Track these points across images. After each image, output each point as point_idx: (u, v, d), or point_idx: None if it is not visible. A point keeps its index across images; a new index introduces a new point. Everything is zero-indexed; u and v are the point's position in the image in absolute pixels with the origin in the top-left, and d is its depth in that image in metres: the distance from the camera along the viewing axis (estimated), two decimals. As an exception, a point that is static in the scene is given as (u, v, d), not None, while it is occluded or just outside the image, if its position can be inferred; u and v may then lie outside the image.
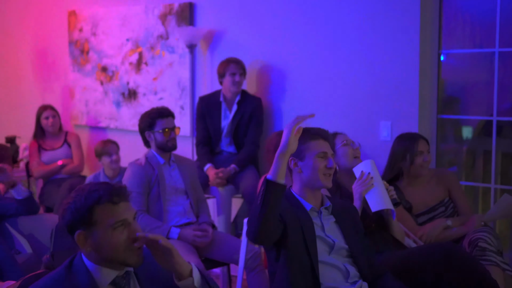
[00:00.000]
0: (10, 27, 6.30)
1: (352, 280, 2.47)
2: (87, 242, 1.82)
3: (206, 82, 4.90)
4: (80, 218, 1.81)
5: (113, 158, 4.76)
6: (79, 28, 5.67)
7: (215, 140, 4.56)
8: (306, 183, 2.53)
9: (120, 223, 1.82)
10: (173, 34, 5.02)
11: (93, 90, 5.63)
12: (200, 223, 3.71)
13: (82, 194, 1.83)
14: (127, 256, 1.82)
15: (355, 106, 4.17)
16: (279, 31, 4.50)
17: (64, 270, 1.84)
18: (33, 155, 5.29)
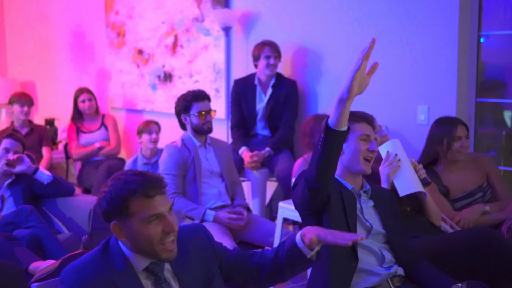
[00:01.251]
0: (49, 10, 6.38)
1: (387, 265, 2.45)
2: (121, 233, 1.82)
3: (241, 64, 4.89)
4: (115, 208, 1.80)
5: (153, 136, 4.84)
6: (116, 11, 5.71)
7: (250, 123, 4.56)
8: (347, 165, 2.52)
9: (155, 217, 1.80)
10: (208, 16, 5.02)
11: (129, 73, 5.68)
12: (235, 206, 3.73)
13: (118, 184, 1.81)
14: (160, 249, 1.81)
15: (392, 90, 4.12)
16: (315, 13, 4.45)
17: (100, 251, 1.86)
18: (71, 137, 5.38)
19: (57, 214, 4.00)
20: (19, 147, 3.93)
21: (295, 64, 4.62)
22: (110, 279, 1.79)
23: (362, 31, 4.23)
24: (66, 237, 3.77)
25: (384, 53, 4.13)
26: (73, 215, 3.95)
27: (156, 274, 1.87)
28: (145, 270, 1.86)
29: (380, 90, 4.17)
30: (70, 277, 1.78)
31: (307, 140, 4.08)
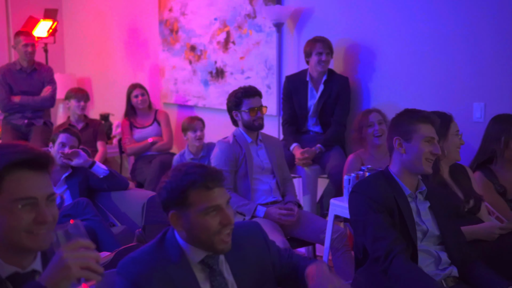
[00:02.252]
0: (105, 8, 6.51)
1: (443, 267, 2.42)
2: (179, 223, 1.85)
3: (293, 61, 4.88)
4: (175, 198, 1.83)
5: (197, 134, 4.87)
6: (169, 8, 5.78)
7: (301, 119, 4.55)
8: (407, 165, 2.48)
9: (213, 209, 1.82)
10: (260, 13, 5.02)
11: (181, 69, 5.75)
12: (285, 202, 3.73)
13: (178, 175, 1.85)
14: (216, 241, 1.83)
15: (447, 86, 4.03)
16: (368, 8, 4.40)
17: (157, 244, 1.89)
18: (125, 132, 5.47)
19: (111, 207, 4.08)
20: (75, 141, 4.02)
21: (347, 60, 4.58)
22: (166, 271, 1.81)
23: (415, 26, 4.16)
24: (119, 230, 3.84)
25: (439, 49, 4.05)
26: (126, 208, 4.02)
27: (211, 267, 1.88)
28: (200, 262, 1.88)
29: (434, 87, 4.09)
30: (127, 268, 1.82)
31: (356, 136, 4.05)
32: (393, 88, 4.30)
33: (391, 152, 2.54)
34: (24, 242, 1.53)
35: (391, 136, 2.53)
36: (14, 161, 1.52)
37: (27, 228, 1.52)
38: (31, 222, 1.52)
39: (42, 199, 1.54)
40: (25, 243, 1.53)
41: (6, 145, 1.58)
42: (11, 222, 1.51)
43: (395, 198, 2.42)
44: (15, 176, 1.52)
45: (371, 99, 4.45)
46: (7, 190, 1.51)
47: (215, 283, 1.87)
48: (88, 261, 1.46)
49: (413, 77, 4.20)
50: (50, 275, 1.44)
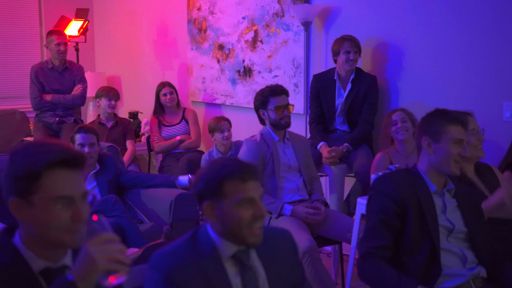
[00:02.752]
0: (134, 8, 6.58)
1: (470, 266, 2.40)
2: (213, 213, 1.89)
3: (320, 60, 4.88)
4: (210, 189, 1.88)
5: (225, 135, 4.90)
6: (198, 7, 5.82)
7: (328, 118, 4.54)
8: (434, 165, 2.47)
9: (246, 201, 1.86)
10: (289, 11, 5.03)
11: (210, 67, 5.78)
12: (312, 201, 3.73)
13: (215, 167, 1.90)
14: (247, 233, 1.86)
15: (476, 86, 3.99)
16: (396, 7, 4.38)
17: (190, 239, 1.92)
18: (154, 130, 5.53)
19: (139, 204, 4.13)
20: (92, 137, 3.97)
21: (375, 59, 4.56)
22: (198, 265, 1.85)
23: (444, 24, 4.12)
24: (147, 227, 3.89)
25: (468, 47, 4.01)
26: (154, 205, 4.06)
27: (242, 262, 1.91)
28: (232, 257, 1.90)
29: (463, 86, 4.06)
30: (160, 262, 1.85)
31: (383, 135, 4.05)
32: (421, 87, 4.27)
33: (419, 151, 2.54)
34: (61, 239, 1.57)
35: (420, 135, 2.52)
36: (53, 160, 1.55)
37: (64, 226, 1.55)
38: (68, 220, 1.55)
39: (78, 197, 1.58)
40: (62, 240, 1.57)
41: (43, 143, 1.61)
42: (48, 220, 1.55)
43: (417, 194, 2.42)
44: (53, 175, 1.55)
45: (399, 98, 4.43)
46: (45, 189, 1.54)
47: (246, 278, 1.90)
48: (114, 253, 1.49)
49: (442, 76, 4.17)
50: (78, 270, 1.48)
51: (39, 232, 1.57)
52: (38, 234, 1.57)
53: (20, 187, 1.56)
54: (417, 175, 2.49)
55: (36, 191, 1.55)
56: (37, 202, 1.55)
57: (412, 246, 2.38)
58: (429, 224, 2.38)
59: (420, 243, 2.38)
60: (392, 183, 2.45)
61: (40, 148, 1.58)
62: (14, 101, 6.45)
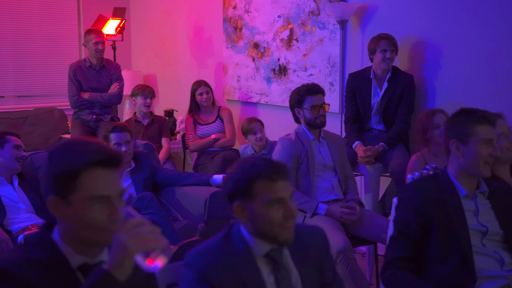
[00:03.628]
0: (171, 7, 6.63)
1: (508, 268, 2.35)
2: (244, 213, 1.89)
3: (356, 58, 4.85)
4: (240, 189, 1.88)
5: (258, 136, 4.94)
6: (233, 6, 5.84)
7: (364, 117, 4.51)
8: (464, 168, 2.42)
9: (277, 201, 1.86)
10: (324, 10, 5.01)
11: (245, 66, 5.79)
12: (347, 200, 3.71)
13: (245, 166, 1.89)
14: (278, 233, 1.86)
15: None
16: (434, 5, 4.32)
17: (223, 237, 1.93)
18: (189, 128, 5.56)
19: (174, 202, 4.15)
20: (126, 135, 3.98)
21: (412, 58, 4.51)
22: (231, 264, 1.86)
23: (483, 22, 4.05)
24: (182, 225, 3.91)
25: (507, 47, 3.93)
26: (189, 203, 4.08)
27: (276, 261, 1.91)
28: (265, 256, 1.91)
29: (502, 87, 3.98)
30: (195, 260, 1.87)
31: (420, 137, 3.98)
32: (459, 87, 4.20)
33: (448, 154, 2.49)
34: (98, 238, 1.58)
35: (448, 138, 2.46)
36: (91, 160, 1.56)
37: (102, 225, 1.56)
38: (106, 220, 1.57)
39: (115, 197, 1.59)
40: (99, 239, 1.58)
41: (82, 142, 1.62)
42: (86, 219, 1.56)
43: (445, 202, 2.37)
44: (91, 174, 1.56)
45: (436, 97, 4.37)
46: (83, 188, 1.56)
47: (279, 276, 1.90)
48: (143, 234, 1.48)
49: (480, 76, 4.10)
50: (112, 259, 1.49)
51: (76, 230, 1.59)
52: (76, 232, 1.59)
53: (58, 186, 1.57)
54: (446, 181, 2.44)
55: (74, 191, 1.56)
56: (74, 201, 1.56)
57: (441, 254, 2.34)
58: (458, 231, 2.34)
59: (448, 251, 2.34)
60: (416, 194, 2.41)
61: (78, 147, 1.59)
62: (53, 99, 6.57)
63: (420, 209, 2.36)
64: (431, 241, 2.35)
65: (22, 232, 3.38)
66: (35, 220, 3.53)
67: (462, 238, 2.33)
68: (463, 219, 2.36)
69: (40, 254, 1.59)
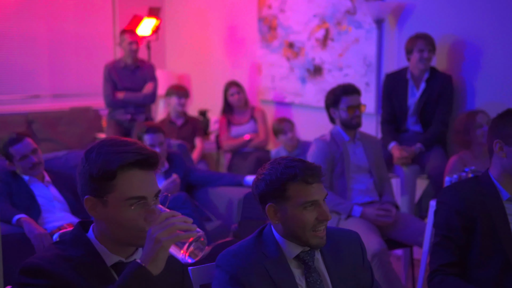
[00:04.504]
0: (206, 7, 6.63)
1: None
2: (276, 215, 1.87)
3: (393, 58, 4.77)
4: (273, 191, 1.85)
5: (289, 136, 4.93)
6: (268, 5, 5.80)
7: (400, 118, 4.44)
8: (508, 169, 2.34)
9: (311, 203, 1.84)
10: (361, 9, 4.94)
11: (279, 66, 5.75)
12: (383, 203, 3.65)
13: (278, 168, 1.86)
14: (311, 236, 1.84)
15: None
16: (473, 3, 4.22)
17: (255, 239, 1.92)
18: (222, 129, 5.55)
19: (208, 202, 4.15)
20: (159, 136, 3.95)
21: (450, 57, 4.41)
22: (263, 265, 1.84)
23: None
24: (215, 225, 3.90)
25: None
26: (222, 204, 4.07)
27: (307, 263, 1.89)
28: (296, 258, 1.89)
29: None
30: (226, 261, 1.86)
31: (460, 138, 3.90)
32: (499, 88, 4.10)
33: (491, 155, 2.41)
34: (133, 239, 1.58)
35: (491, 138, 2.39)
36: (127, 161, 1.56)
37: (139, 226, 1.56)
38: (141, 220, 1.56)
39: (151, 198, 1.58)
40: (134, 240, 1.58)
41: (118, 143, 1.61)
42: (121, 219, 1.56)
43: (487, 205, 2.30)
44: (127, 175, 1.56)
45: (475, 98, 4.27)
46: (119, 189, 1.56)
47: (310, 279, 1.87)
48: (174, 225, 1.47)
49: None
50: (145, 254, 1.48)
51: (112, 230, 1.59)
52: (111, 232, 1.59)
53: (94, 186, 1.57)
54: (488, 183, 2.36)
55: (110, 191, 1.56)
56: (110, 202, 1.56)
57: (482, 259, 2.27)
58: (501, 235, 2.27)
59: (491, 255, 2.27)
60: (458, 196, 2.34)
61: (115, 148, 1.58)
62: (88, 98, 6.62)
63: (462, 211, 2.29)
64: (472, 245, 2.28)
65: (57, 231, 3.40)
66: (70, 219, 3.54)
67: (505, 242, 2.26)
68: (506, 222, 2.29)
69: (76, 252, 1.59)
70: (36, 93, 6.44)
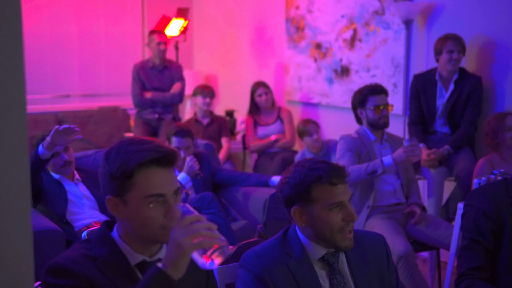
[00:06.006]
0: (234, 7, 6.65)
1: None
2: (302, 218, 1.86)
3: (421, 59, 4.73)
4: (298, 194, 1.85)
5: (314, 138, 4.91)
6: (296, 6, 5.80)
7: (428, 119, 4.39)
8: None
9: (336, 205, 1.83)
10: (389, 9, 4.91)
11: (306, 66, 5.75)
12: (409, 204, 3.62)
13: (302, 170, 1.86)
14: (338, 238, 1.83)
15: None
16: (504, 3, 4.16)
17: (280, 239, 1.92)
18: (249, 129, 5.57)
19: (234, 202, 4.16)
20: (187, 141, 3.96)
21: (480, 59, 4.36)
22: (287, 266, 1.84)
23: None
24: (241, 225, 3.91)
25: None
26: (248, 204, 4.08)
27: (331, 265, 1.88)
28: (320, 260, 1.88)
29: None
30: (251, 261, 1.86)
31: (489, 140, 3.85)
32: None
33: None
34: (155, 236, 1.58)
35: None
36: (144, 159, 1.56)
37: (158, 223, 1.56)
38: (162, 218, 1.56)
39: (170, 195, 1.58)
40: (157, 237, 1.58)
41: (136, 141, 1.62)
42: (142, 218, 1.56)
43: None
44: (146, 173, 1.57)
45: (505, 100, 4.21)
46: (138, 187, 1.56)
47: (334, 281, 1.87)
48: (198, 231, 1.43)
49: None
50: (167, 258, 1.47)
51: (134, 229, 1.59)
52: (134, 230, 1.60)
53: (114, 186, 1.58)
54: None
55: (130, 190, 1.56)
56: (130, 201, 1.57)
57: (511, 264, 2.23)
58: None
59: None
60: (487, 198, 2.30)
61: (132, 147, 1.59)
62: (116, 98, 6.70)
63: (491, 214, 2.26)
64: (501, 250, 2.25)
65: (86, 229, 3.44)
66: (99, 217, 3.58)
67: None
68: None
69: (101, 251, 1.61)
70: (66, 92, 6.53)
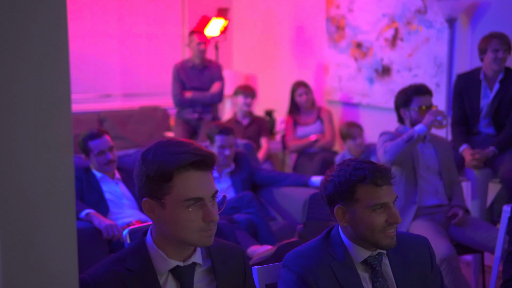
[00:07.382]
0: (274, 7, 6.64)
1: None
2: (344, 217, 1.85)
3: (465, 58, 4.63)
4: (342, 193, 1.83)
5: (357, 142, 4.86)
6: (336, 5, 5.76)
7: (472, 120, 4.30)
8: None
9: (380, 206, 1.81)
10: (432, 8, 4.82)
11: (346, 66, 5.70)
12: (452, 206, 3.55)
13: (347, 169, 1.84)
14: (380, 238, 1.82)
15: None
16: (553, 2, 4.05)
17: (322, 240, 1.91)
18: (289, 129, 5.55)
19: (273, 202, 4.15)
20: (231, 139, 3.97)
21: (526, 57, 4.25)
22: (330, 268, 1.83)
23: None
24: (280, 225, 3.90)
25: None
26: (288, 204, 4.06)
27: (374, 268, 1.86)
28: (363, 262, 1.86)
29: None
30: (294, 262, 1.85)
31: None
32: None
33: None
34: (192, 240, 1.57)
35: None
36: (183, 162, 1.54)
37: (198, 227, 1.55)
38: (200, 221, 1.56)
39: (208, 198, 1.57)
40: (194, 240, 1.58)
41: (174, 143, 1.60)
42: (180, 221, 1.55)
43: None
44: (184, 176, 1.55)
45: (553, 100, 4.09)
46: (175, 190, 1.55)
47: (377, 284, 1.85)
48: None
49: None
50: None
51: (171, 232, 1.58)
52: (170, 234, 1.58)
53: (151, 188, 1.56)
54: None
55: (168, 193, 1.55)
56: (168, 203, 1.55)
57: None
58: None
59: None
60: None
61: (171, 149, 1.57)
62: (157, 98, 6.76)
63: None
64: None
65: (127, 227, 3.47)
66: (139, 216, 3.61)
67: None
68: None
69: (133, 265, 1.59)
70: (108, 92, 6.62)
